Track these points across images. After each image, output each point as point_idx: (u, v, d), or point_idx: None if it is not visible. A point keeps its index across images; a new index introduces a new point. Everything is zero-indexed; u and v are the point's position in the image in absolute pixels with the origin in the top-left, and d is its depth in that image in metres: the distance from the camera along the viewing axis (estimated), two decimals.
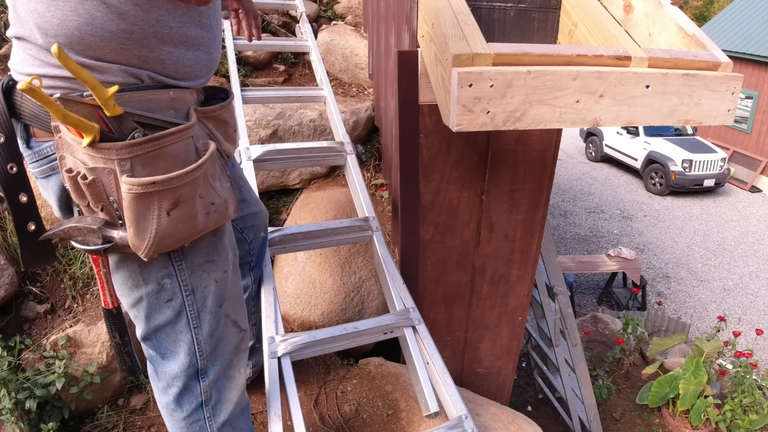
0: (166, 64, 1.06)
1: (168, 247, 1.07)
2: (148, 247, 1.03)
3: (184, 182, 1.03)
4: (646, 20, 1.71)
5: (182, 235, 1.07)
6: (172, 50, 1.06)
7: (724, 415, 3.87)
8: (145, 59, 1.02)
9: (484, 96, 1.22)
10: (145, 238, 1.02)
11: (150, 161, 1.00)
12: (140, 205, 0.99)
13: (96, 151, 0.96)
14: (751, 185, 12.88)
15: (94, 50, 0.97)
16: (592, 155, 14.68)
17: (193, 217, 1.08)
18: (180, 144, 1.04)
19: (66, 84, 0.99)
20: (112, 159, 0.96)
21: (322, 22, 3.91)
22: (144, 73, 1.03)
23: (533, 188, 2.09)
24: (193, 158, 1.07)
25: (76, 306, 2.17)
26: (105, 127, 0.96)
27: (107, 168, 0.97)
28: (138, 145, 0.97)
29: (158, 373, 1.28)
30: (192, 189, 1.05)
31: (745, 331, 7.02)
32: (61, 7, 0.93)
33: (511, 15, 1.77)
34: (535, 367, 4.31)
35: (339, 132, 2.38)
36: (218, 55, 1.25)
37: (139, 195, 0.98)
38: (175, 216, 1.04)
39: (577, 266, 7.07)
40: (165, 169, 1.01)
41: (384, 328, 1.80)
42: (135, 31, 0.98)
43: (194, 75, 1.14)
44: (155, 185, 0.98)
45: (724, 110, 1.47)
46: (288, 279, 2.45)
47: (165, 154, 1.01)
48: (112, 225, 1.05)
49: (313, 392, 2.07)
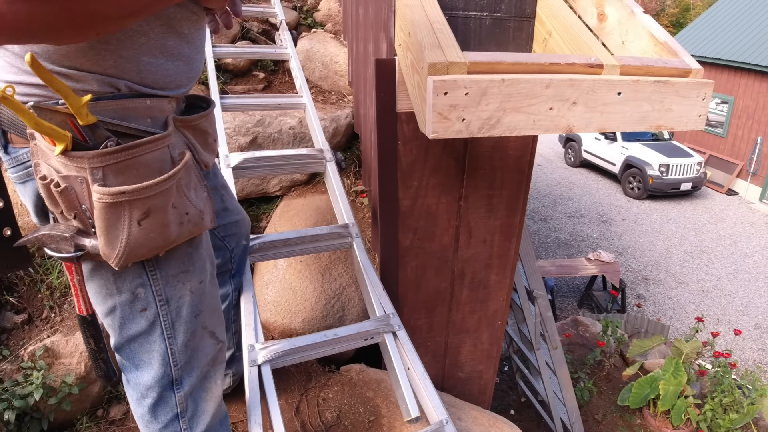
0: (143, 74, 1.05)
1: (139, 256, 1.06)
2: (119, 257, 1.02)
3: (156, 192, 1.02)
4: (620, 29, 1.75)
5: (154, 245, 1.07)
6: (151, 60, 1.05)
7: (704, 414, 3.93)
8: (122, 68, 1.01)
9: (459, 104, 1.24)
10: (115, 248, 1.01)
11: (123, 170, 0.99)
12: (111, 215, 0.98)
13: (69, 160, 0.95)
14: (728, 188, 13.13)
15: (70, 59, 0.96)
16: (571, 160, 14.87)
17: (165, 227, 1.07)
18: (155, 153, 1.04)
19: (42, 92, 0.98)
20: (85, 167, 0.96)
21: (302, 30, 3.92)
22: (121, 82, 1.02)
23: (510, 194, 2.11)
24: (168, 168, 1.07)
25: (53, 316, 2.15)
26: (78, 136, 0.96)
27: (80, 176, 0.97)
28: (110, 154, 0.97)
29: (132, 384, 1.26)
30: (164, 199, 1.05)
31: (723, 331, 7.14)
32: None
33: (486, 24, 1.80)
34: (517, 370, 4.33)
35: (318, 139, 2.39)
36: (200, 65, 1.25)
37: (109, 204, 0.97)
38: (146, 226, 1.03)
39: (557, 270, 7.14)
40: (138, 178, 1.01)
41: (364, 334, 1.81)
42: (112, 41, 0.97)
43: (174, 84, 1.13)
44: (125, 195, 0.98)
45: (695, 116, 1.50)
46: (268, 286, 2.44)
47: (138, 163, 1.01)
48: (85, 233, 1.04)
49: (294, 400, 2.07)
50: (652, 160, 11.97)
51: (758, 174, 12.63)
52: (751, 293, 8.38)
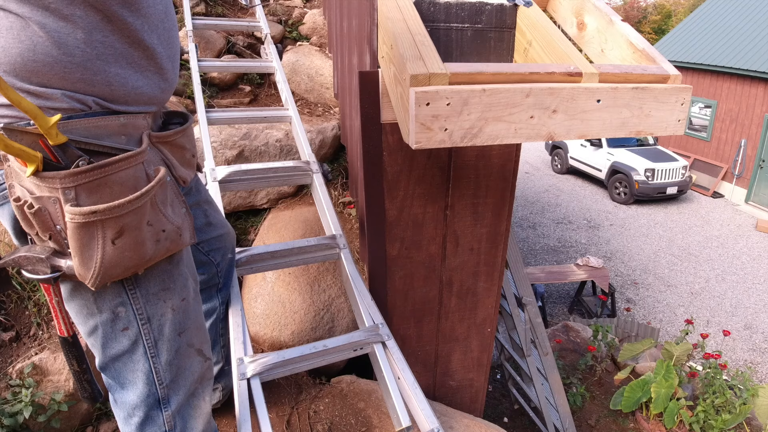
0: (113, 87, 1.04)
1: (115, 276, 1.05)
2: (94, 277, 1.01)
3: (128, 210, 1.01)
4: (599, 37, 1.78)
5: (130, 264, 1.06)
6: (119, 72, 1.04)
7: (697, 416, 3.93)
8: (90, 82, 1.00)
9: (441, 114, 1.25)
10: (90, 268, 1.00)
11: (96, 189, 0.98)
12: (84, 235, 0.98)
13: (40, 180, 0.95)
14: (713, 191, 13.27)
15: (38, 76, 0.96)
16: (557, 167, 14.99)
17: (140, 245, 1.06)
18: (128, 171, 1.03)
19: (12, 112, 0.98)
20: (57, 188, 0.95)
21: (288, 43, 3.94)
22: (90, 99, 1.01)
23: (496, 201, 2.13)
24: (143, 185, 1.06)
25: (41, 333, 2.13)
26: (50, 156, 0.95)
27: (52, 197, 0.96)
28: (82, 174, 0.96)
29: (119, 403, 1.25)
30: (137, 217, 1.04)
31: (713, 332, 7.19)
32: (3, 35, 0.92)
33: (468, 35, 1.82)
34: (510, 378, 4.34)
35: (305, 151, 2.40)
36: (174, 77, 1.24)
37: (81, 224, 0.96)
38: (121, 245, 1.02)
39: (547, 276, 7.17)
40: (112, 196, 1.00)
41: (353, 345, 1.81)
42: (77, 54, 0.97)
43: (146, 99, 1.12)
44: (97, 214, 0.97)
45: (675, 120, 1.53)
46: (257, 299, 2.44)
47: (111, 181, 1.00)
48: (61, 254, 1.03)
49: (285, 413, 2.06)
50: (638, 165, 12.09)
51: (743, 176, 12.77)
52: (740, 294, 8.45)
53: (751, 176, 12.56)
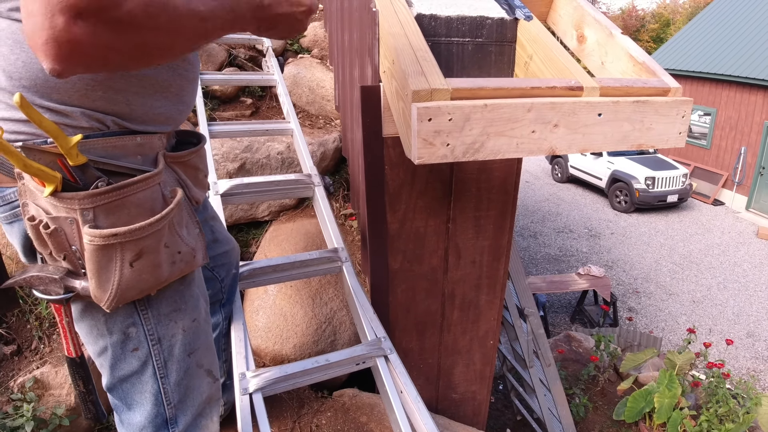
0: (133, 107, 1.03)
1: (130, 298, 1.04)
2: (110, 299, 1.00)
3: (148, 233, 1.00)
4: (599, 50, 1.78)
5: (145, 286, 1.05)
6: (140, 91, 1.04)
7: (700, 426, 3.92)
8: (111, 101, 1.00)
9: (443, 129, 1.25)
10: (107, 290, 0.99)
11: (114, 210, 0.97)
12: (102, 257, 0.96)
13: (58, 201, 0.94)
14: (714, 199, 13.27)
15: (58, 93, 0.95)
16: (558, 176, 15.02)
17: (157, 268, 1.05)
18: (146, 192, 1.02)
19: (31, 129, 0.97)
20: (75, 209, 0.94)
21: (289, 56, 3.96)
22: (108, 118, 1.00)
23: (497, 215, 2.13)
24: (160, 206, 1.05)
25: (42, 347, 2.13)
26: (68, 176, 0.94)
27: (69, 217, 0.95)
28: (101, 195, 0.95)
29: (125, 424, 1.23)
30: (156, 239, 1.03)
31: (715, 341, 7.17)
32: (26, 50, 0.91)
33: (469, 49, 1.83)
34: (512, 389, 4.32)
35: (306, 164, 2.41)
36: (192, 99, 1.23)
37: (100, 246, 0.95)
38: (139, 267, 1.01)
39: (548, 286, 7.15)
40: (129, 218, 0.99)
41: (356, 359, 1.81)
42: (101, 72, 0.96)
43: (163, 119, 1.12)
44: (117, 237, 0.96)
45: (676, 133, 1.53)
46: (259, 312, 2.43)
47: (129, 203, 0.99)
48: (75, 274, 1.02)
49: (287, 428, 2.05)
50: (638, 173, 12.11)
51: (743, 183, 12.79)
52: (742, 302, 8.43)
53: (752, 183, 12.58)
